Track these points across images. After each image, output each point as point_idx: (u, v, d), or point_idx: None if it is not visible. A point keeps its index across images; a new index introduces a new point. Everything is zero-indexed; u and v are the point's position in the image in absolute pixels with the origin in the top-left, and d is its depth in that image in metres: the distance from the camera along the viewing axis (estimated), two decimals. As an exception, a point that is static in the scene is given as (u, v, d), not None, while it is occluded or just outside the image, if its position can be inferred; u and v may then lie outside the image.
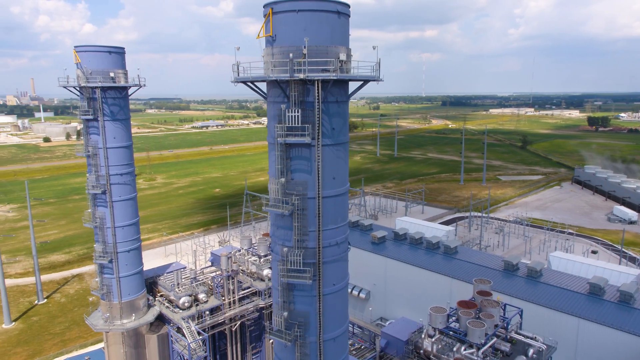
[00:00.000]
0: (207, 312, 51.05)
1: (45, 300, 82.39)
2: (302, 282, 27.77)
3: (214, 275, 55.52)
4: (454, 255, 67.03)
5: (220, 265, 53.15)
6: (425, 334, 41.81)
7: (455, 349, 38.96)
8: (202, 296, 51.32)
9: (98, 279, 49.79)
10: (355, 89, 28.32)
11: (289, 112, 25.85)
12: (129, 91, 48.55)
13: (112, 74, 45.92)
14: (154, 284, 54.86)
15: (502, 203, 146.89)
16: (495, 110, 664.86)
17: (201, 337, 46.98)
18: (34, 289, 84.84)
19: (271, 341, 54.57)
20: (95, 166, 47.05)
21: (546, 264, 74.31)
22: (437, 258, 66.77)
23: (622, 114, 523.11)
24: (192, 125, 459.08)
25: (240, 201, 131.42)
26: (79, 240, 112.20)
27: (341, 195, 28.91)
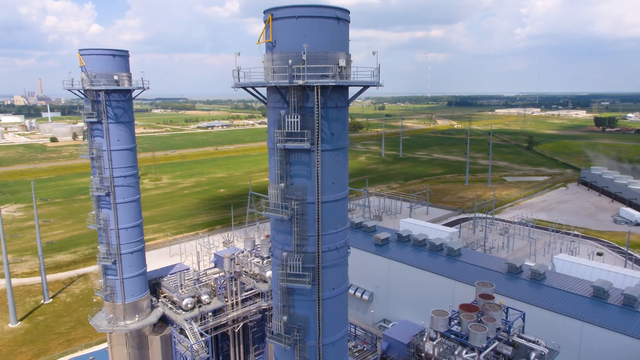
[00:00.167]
0: (209, 313, 51.35)
1: (51, 299, 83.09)
2: (301, 286, 27.84)
3: (217, 276, 55.82)
4: (458, 257, 66.92)
5: (223, 267, 53.47)
6: (427, 337, 41.85)
7: (456, 352, 38.96)
8: (205, 297, 51.64)
9: (102, 280, 50.24)
10: (355, 94, 28.34)
11: (289, 118, 25.94)
12: (133, 94, 48.97)
13: (116, 77, 46.33)
14: (157, 285, 55.20)
15: (507, 204, 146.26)
16: (501, 111, 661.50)
17: (204, 338, 47.25)
18: (40, 289, 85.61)
19: (273, 343, 54.64)
20: (99, 168, 47.47)
21: (550, 266, 74.00)
22: (441, 260, 66.67)
23: (630, 115, 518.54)
24: (197, 125, 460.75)
25: (244, 202, 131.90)
26: (84, 240, 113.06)
27: (341, 200, 28.93)
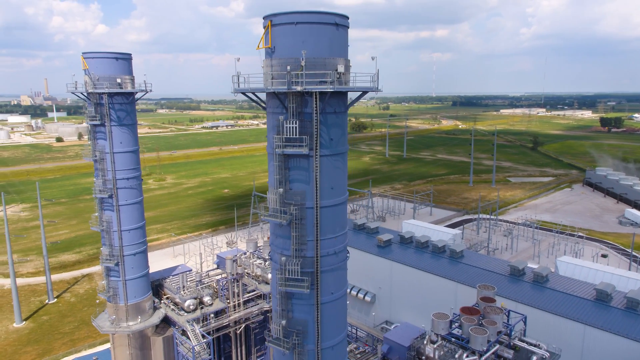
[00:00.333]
0: (212, 314, 51.58)
1: (56, 299, 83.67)
2: (300, 291, 27.96)
3: (219, 278, 56.03)
4: (460, 259, 66.82)
5: (226, 268, 53.68)
6: (428, 340, 41.84)
7: (457, 355, 38.93)
8: (207, 299, 51.86)
9: (105, 281, 50.60)
10: (354, 99, 28.41)
11: (287, 123, 26.04)
12: (136, 96, 49.26)
13: (119, 80, 46.66)
14: (160, 287, 55.52)
15: (512, 205, 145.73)
16: (506, 111, 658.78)
17: (205, 340, 47.46)
18: (44, 289, 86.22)
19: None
20: (102, 170, 47.90)
21: (553, 268, 73.77)
22: (443, 262, 66.60)
23: (636, 115, 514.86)
24: (202, 125, 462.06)
25: (248, 202, 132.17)
26: (89, 240, 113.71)
27: (339, 205, 29.00)
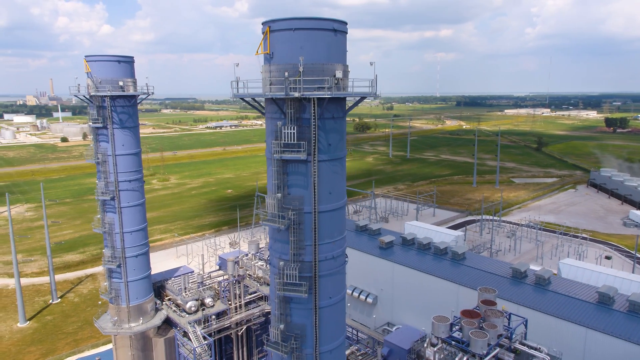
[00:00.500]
0: (213, 316, 51.82)
1: (59, 299, 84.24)
2: (298, 295, 28.06)
3: (220, 279, 56.26)
4: (462, 261, 66.68)
5: (227, 270, 53.89)
6: (428, 343, 41.84)
7: (457, 358, 38.90)
8: (208, 300, 52.11)
9: (107, 282, 50.92)
10: (352, 105, 28.50)
11: (285, 129, 26.16)
12: (138, 99, 49.56)
13: (121, 83, 46.95)
14: (161, 288, 55.82)
15: (515, 206, 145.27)
16: (511, 111, 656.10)
17: (206, 341, 47.68)
18: (48, 289, 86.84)
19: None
20: (104, 173, 48.14)
21: (556, 270, 73.51)
22: (445, 264, 66.49)
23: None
24: (206, 125, 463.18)
25: (251, 202, 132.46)
26: (93, 241, 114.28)
27: (338, 209, 29.11)
